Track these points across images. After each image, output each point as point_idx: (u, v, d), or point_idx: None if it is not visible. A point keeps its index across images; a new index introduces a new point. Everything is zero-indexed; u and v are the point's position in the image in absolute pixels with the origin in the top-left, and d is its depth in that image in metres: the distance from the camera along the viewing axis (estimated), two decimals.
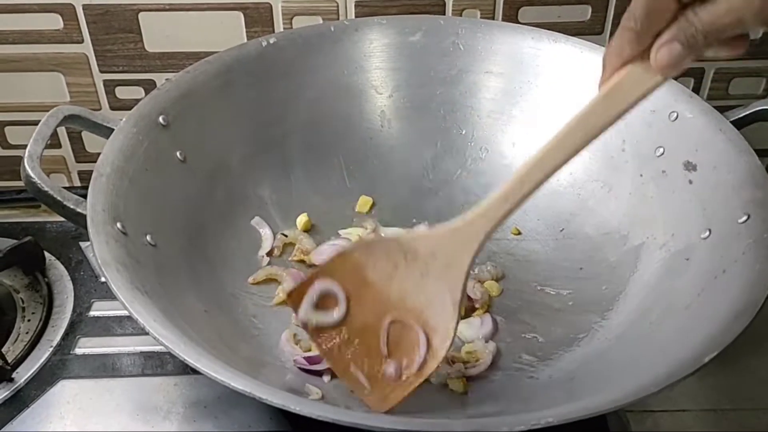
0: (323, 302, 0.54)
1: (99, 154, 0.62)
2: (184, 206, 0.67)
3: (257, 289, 0.68)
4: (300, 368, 0.60)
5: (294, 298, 0.54)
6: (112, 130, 0.64)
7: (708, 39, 0.45)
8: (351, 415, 0.45)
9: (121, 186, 0.61)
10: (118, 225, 0.57)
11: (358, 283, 0.53)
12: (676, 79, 0.71)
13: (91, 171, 0.87)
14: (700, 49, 0.46)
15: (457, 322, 0.53)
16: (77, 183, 0.90)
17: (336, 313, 0.54)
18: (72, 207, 0.58)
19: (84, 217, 0.57)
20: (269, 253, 0.71)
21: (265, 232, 0.72)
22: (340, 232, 0.74)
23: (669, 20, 0.46)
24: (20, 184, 0.86)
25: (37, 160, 0.60)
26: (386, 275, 0.52)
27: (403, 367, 0.53)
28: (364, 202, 0.76)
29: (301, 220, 0.74)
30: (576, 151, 0.51)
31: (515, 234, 0.75)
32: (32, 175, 0.59)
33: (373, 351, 0.53)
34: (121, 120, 0.65)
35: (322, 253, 0.70)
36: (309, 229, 0.74)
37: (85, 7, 0.79)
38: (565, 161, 0.52)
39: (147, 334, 0.50)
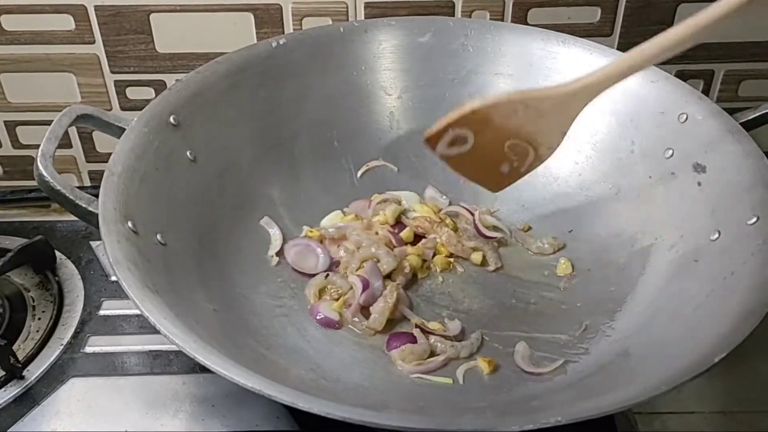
0: (455, 140, 0.62)
1: (109, 154, 0.63)
2: (193, 205, 0.67)
3: (266, 289, 0.68)
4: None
5: (432, 143, 0.62)
6: (124, 129, 0.65)
7: None
8: (360, 413, 0.45)
9: (132, 185, 0.61)
10: (129, 224, 0.58)
11: (483, 124, 0.62)
12: (685, 80, 0.72)
13: (102, 171, 0.87)
14: None
15: (561, 142, 0.63)
16: (87, 183, 0.91)
17: (466, 147, 0.62)
18: (84, 206, 0.59)
19: (96, 215, 0.57)
20: (278, 253, 0.71)
21: (274, 232, 0.73)
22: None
23: None
24: (31, 183, 0.89)
25: (50, 159, 0.60)
26: (506, 117, 0.61)
27: (514, 167, 0.64)
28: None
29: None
30: (684, 46, 0.56)
31: (525, 230, 0.75)
32: (45, 174, 0.59)
33: (493, 161, 0.64)
34: (132, 120, 0.66)
35: (288, 251, 0.72)
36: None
37: (96, 8, 0.79)
38: (674, 52, 0.56)
39: (156, 332, 0.51)
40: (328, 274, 0.69)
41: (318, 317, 0.66)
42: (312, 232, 0.73)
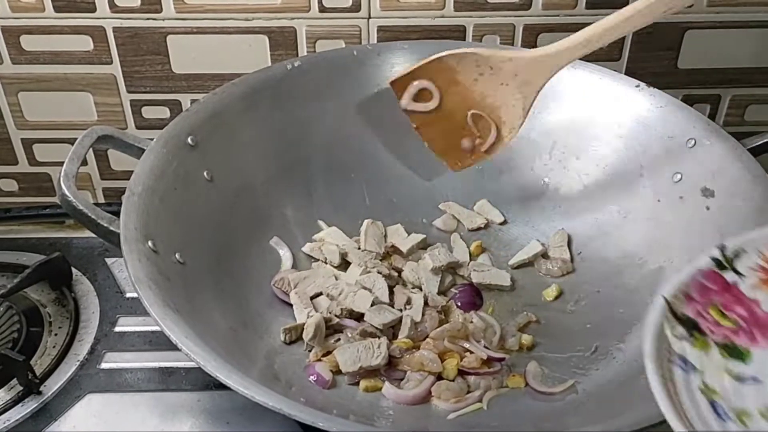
0: (420, 95, 0.66)
1: (124, 171, 0.64)
2: (211, 225, 0.68)
3: (281, 308, 0.69)
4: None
5: (397, 88, 0.66)
6: (143, 150, 0.66)
7: None
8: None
9: (152, 205, 0.62)
10: (150, 243, 0.59)
11: (449, 82, 0.65)
12: (692, 105, 0.73)
13: (117, 188, 0.89)
14: None
15: (523, 122, 0.67)
16: (102, 200, 0.92)
17: (431, 104, 0.66)
18: (105, 225, 0.60)
19: (117, 234, 0.59)
20: None
21: (284, 253, 0.73)
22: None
23: None
24: (46, 200, 0.90)
25: (73, 179, 0.61)
26: (472, 79, 0.65)
27: (476, 144, 0.68)
28: None
29: None
30: (650, 20, 0.61)
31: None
32: (68, 194, 0.60)
33: (456, 130, 0.67)
34: (151, 140, 0.67)
35: None
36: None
37: (115, 29, 0.81)
38: (642, 25, 0.62)
39: (171, 349, 0.52)
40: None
41: (312, 377, 0.63)
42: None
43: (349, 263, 0.73)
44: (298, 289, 0.69)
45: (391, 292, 0.69)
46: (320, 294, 0.70)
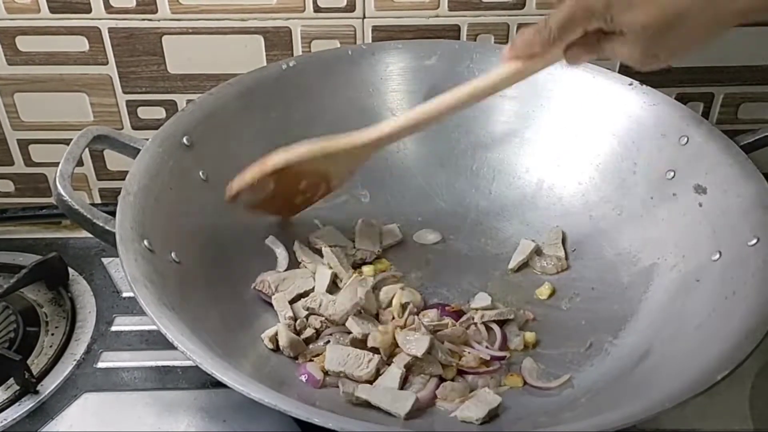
0: (257, 188, 0.68)
1: (120, 172, 0.64)
2: (206, 224, 0.68)
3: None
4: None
5: (234, 199, 0.68)
6: (139, 150, 0.66)
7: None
8: (372, 428, 0.47)
9: (148, 204, 0.63)
10: (145, 242, 0.59)
11: (284, 173, 0.68)
12: (685, 103, 0.73)
13: (113, 189, 0.89)
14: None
15: (350, 178, 0.74)
16: (98, 200, 0.92)
17: (267, 191, 0.69)
18: (101, 225, 0.60)
19: (112, 234, 0.59)
20: None
21: (280, 252, 0.74)
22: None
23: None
24: (42, 200, 0.90)
25: (68, 179, 0.62)
26: (305, 163, 0.69)
27: (306, 198, 0.73)
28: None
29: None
30: (457, 109, 0.67)
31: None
32: (64, 193, 0.60)
33: (289, 197, 0.72)
34: (146, 140, 0.67)
35: None
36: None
37: (110, 30, 0.81)
38: (449, 114, 0.68)
39: (167, 348, 0.52)
40: None
41: (303, 377, 0.63)
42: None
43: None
44: (278, 296, 0.69)
45: None
46: (302, 295, 0.69)
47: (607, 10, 0.56)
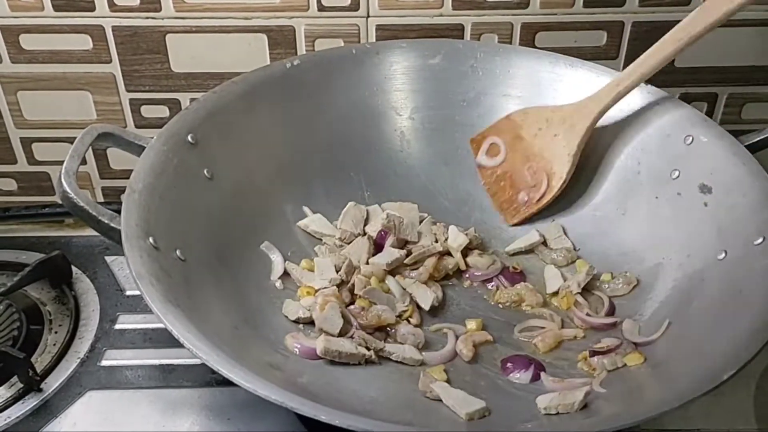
0: (491, 150, 0.77)
1: (123, 170, 0.64)
2: (211, 222, 0.68)
3: (282, 304, 0.69)
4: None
5: (474, 145, 0.78)
6: (143, 148, 0.66)
7: None
8: (378, 426, 0.47)
9: (153, 202, 0.62)
10: (150, 240, 0.59)
11: (514, 137, 0.76)
12: (689, 103, 0.73)
13: (116, 187, 0.89)
14: None
15: (570, 170, 0.74)
16: (101, 198, 0.92)
17: (498, 158, 0.77)
18: (107, 222, 0.60)
19: (117, 231, 0.59)
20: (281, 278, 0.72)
21: (275, 258, 0.73)
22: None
23: None
24: (45, 199, 0.90)
25: (73, 176, 0.61)
26: (533, 134, 0.75)
27: (530, 197, 0.76)
28: None
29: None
30: (673, 55, 0.69)
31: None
32: (69, 190, 0.60)
33: (515, 184, 0.77)
34: (151, 138, 0.67)
35: None
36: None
37: (114, 28, 0.81)
38: (666, 61, 0.70)
39: (171, 346, 0.52)
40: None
41: (296, 347, 0.64)
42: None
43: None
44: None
45: None
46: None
47: None
